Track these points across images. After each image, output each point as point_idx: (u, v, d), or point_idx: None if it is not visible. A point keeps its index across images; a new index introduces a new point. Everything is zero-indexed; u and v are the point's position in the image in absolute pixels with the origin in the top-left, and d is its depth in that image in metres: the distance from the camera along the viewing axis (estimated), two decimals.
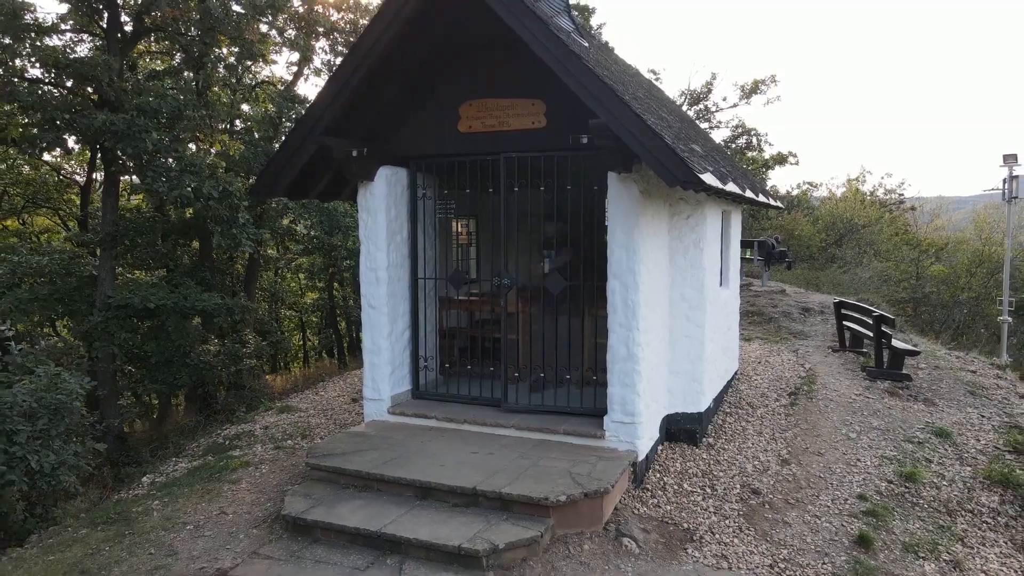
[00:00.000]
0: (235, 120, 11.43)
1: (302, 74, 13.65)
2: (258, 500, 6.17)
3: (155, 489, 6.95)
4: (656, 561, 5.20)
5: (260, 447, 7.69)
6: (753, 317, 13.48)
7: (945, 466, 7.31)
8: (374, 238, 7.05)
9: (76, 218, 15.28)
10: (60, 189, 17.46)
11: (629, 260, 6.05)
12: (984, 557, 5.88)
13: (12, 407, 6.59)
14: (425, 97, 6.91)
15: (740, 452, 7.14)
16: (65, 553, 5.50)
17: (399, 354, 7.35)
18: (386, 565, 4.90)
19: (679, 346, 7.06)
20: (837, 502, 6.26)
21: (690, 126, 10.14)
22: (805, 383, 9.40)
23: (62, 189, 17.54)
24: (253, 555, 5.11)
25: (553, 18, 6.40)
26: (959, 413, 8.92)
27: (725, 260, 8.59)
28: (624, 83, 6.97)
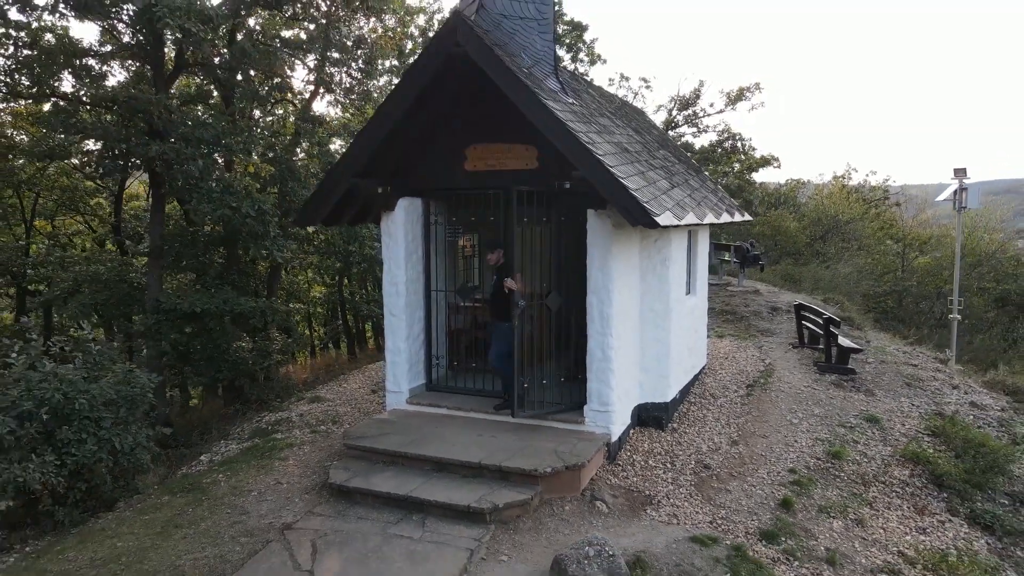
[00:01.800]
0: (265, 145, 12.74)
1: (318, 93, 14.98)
2: (304, 473, 7.64)
3: (215, 466, 8.42)
4: (621, 519, 6.68)
5: (298, 431, 9.16)
6: (727, 316, 14.95)
7: (869, 446, 8.79)
8: (395, 258, 8.46)
9: (111, 224, 16.67)
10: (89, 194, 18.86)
11: (604, 280, 7.48)
12: (886, 518, 7.37)
13: (99, 398, 8.02)
14: (437, 141, 8.29)
15: (698, 435, 8.62)
16: (156, 514, 6.97)
17: (415, 353, 8.79)
18: (412, 520, 6.38)
19: (648, 348, 8.52)
20: (771, 475, 7.74)
21: (663, 145, 11.52)
22: (763, 376, 10.87)
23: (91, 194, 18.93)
24: (309, 513, 6.59)
25: (544, 80, 7.81)
26: (893, 402, 10.40)
27: (692, 272, 10.03)
28: (602, 124, 8.38)
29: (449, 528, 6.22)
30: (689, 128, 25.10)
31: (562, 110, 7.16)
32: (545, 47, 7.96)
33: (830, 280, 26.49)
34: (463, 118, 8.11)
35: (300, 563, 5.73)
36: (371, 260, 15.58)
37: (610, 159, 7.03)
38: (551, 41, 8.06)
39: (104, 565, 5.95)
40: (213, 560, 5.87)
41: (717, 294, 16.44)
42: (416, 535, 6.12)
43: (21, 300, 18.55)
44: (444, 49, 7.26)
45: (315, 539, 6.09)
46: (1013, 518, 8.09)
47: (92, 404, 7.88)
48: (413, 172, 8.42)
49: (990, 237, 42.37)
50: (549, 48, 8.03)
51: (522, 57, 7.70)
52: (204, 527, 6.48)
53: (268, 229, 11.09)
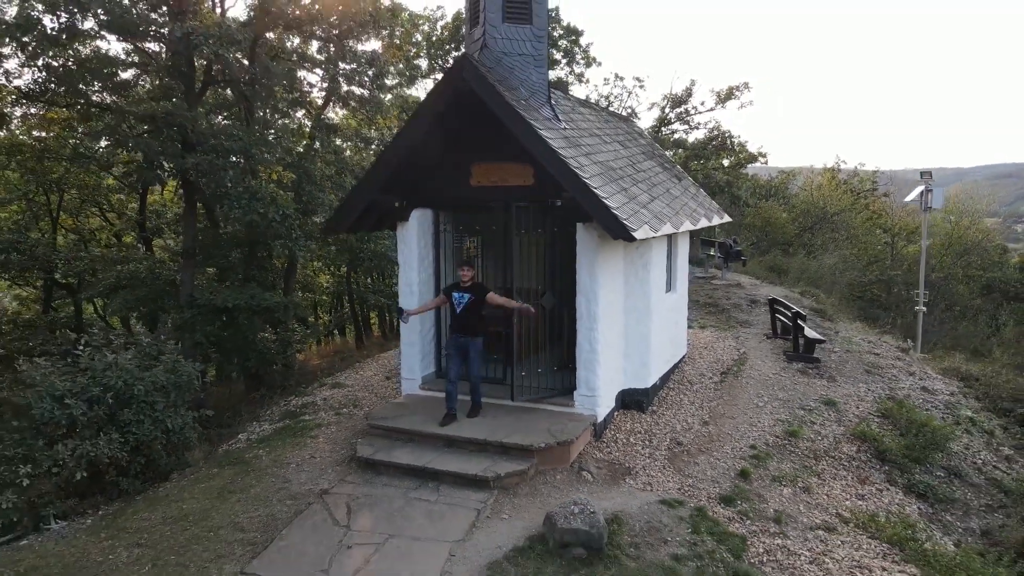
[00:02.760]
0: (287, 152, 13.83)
1: (331, 100, 16.07)
2: (334, 449, 8.89)
3: (253, 443, 9.66)
4: (603, 486, 7.92)
5: (324, 413, 10.40)
6: (709, 308, 16.17)
7: (824, 426, 10.05)
8: (409, 262, 9.65)
9: (136, 221, 17.83)
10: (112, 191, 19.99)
11: (591, 283, 8.68)
12: (831, 486, 8.63)
13: (153, 384, 9.24)
14: (446, 160, 9.42)
15: (674, 417, 9.86)
16: (210, 483, 8.21)
17: (427, 345, 10.01)
18: (428, 487, 7.62)
19: (631, 341, 9.74)
20: (734, 450, 8.99)
21: (649, 155, 12.66)
22: (736, 364, 12.11)
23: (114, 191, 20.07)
24: (341, 481, 7.84)
25: (540, 109, 8.97)
26: (851, 387, 11.65)
27: (672, 271, 11.22)
28: (589, 144, 9.55)
29: (460, 493, 7.46)
30: (681, 125, 26.19)
31: (554, 137, 8.32)
32: (540, 80, 9.11)
33: (816, 271, 27.64)
34: (469, 140, 9.23)
35: (338, 520, 6.99)
36: (380, 256, 16.75)
37: (595, 180, 8.21)
38: (545, 74, 9.21)
39: (176, 522, 7.20)
40: (266, 518, 7.12)
41: (702, 287, 17.67)
42: (432, 498, 7.38)
43: (49, 292, 19.75)
44: (453, 84, 8.41)
45: (349, 501, 7.35)
46: (946, 488, 9.38)
47: (148, 390, 9.10)
48: (425, 187, 9.57)
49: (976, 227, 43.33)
50: (543, 80, 9.18)
51: (520, 90, 8.85)
52: (254, 493, 7.74)
53: (291, 231, 12.27)
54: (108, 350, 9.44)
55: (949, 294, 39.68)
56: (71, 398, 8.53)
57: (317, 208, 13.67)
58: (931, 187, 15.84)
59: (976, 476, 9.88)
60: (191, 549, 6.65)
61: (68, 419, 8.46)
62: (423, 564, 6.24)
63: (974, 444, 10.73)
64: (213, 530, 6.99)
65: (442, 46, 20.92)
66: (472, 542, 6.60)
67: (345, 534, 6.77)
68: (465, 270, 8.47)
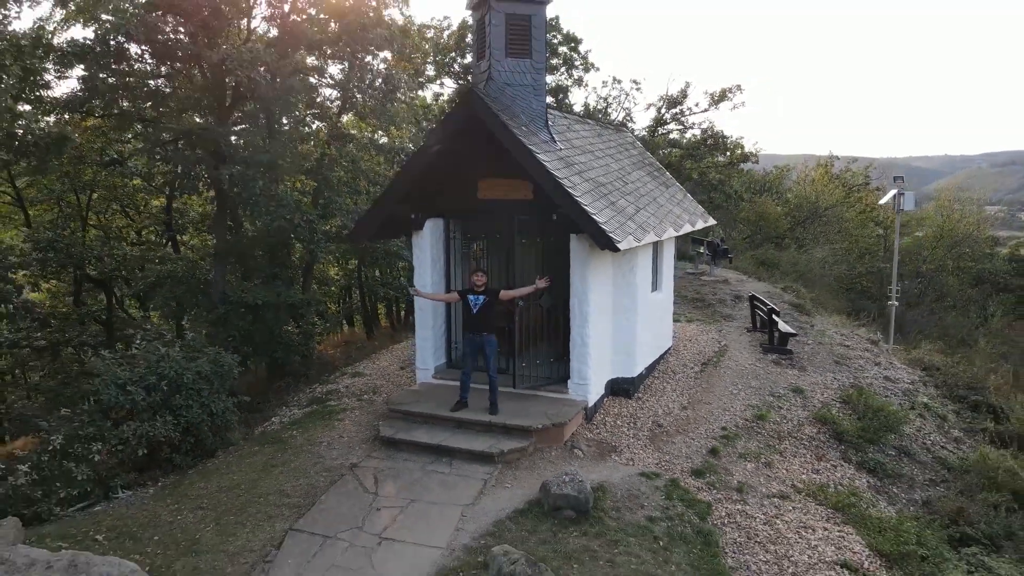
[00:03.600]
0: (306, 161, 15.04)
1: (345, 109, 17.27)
2: (359, 430, 10.20)
3: (286, 425, 10.97)
4: (592, 462, 9.22)
5: (347, 399, 11.71)
6: (696, 303, 17.43)
7: (790, 411, 11.34)
8: (423, 266, 10.92)
9: (164, 221, 19.11)
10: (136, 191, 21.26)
11: (583, 287, 9.94)
12: (790, 462, 9.93)
13: (199, 373, 10.54)
14: (456, 175, 10.63)
15: (657, 403, 11.15)
16: (254, 459, 9.54)
17: (438, 339, 11.29)
18: (442, 461, 8.93)
19: (619, 335, 11.01)
20: (708, 431, 10.28)
21: (639, 165, 13.87)
22: (717, 355, 13.39)
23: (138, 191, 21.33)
24: (368, 456, 9.16)
25: (538, 133, 10.20)
26: (819, 376, 12.93)
27: (658, 272, 12.47)
28: (582, 162, 10.78)
29: (469, 466, 8.78)
30: (676, 126, 27.31)
31: (550, 159, 9.56)
32: (539, 106, 10.34)
33: (805, 264, 28.84)
34: (476, 159, 10.43)
35: (367, 488, 8.31)
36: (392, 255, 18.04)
37: (586, 197, 9.45)
38: (543, 101, 10.45)
39: (229, 490, 8.53)
40: (306, 486, 8.45)
41: (691, 283, 18.92)
42: (446, 471, 8.69)
43: (79, 285, 21.06)
44: (462, 112, 9.67)
45: (375, 473, 8.67)
46: (895, 465, 10.67)
47: (194, 378, 10.41)
48: (437, 199, 10.80)
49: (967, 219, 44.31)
50: (542, 107, 10.42)
51: (521, 116, 10.08)
52: (293, 466, 9.06)
53: (313, 234, 13.51)
54: (160, 344, 10.74)
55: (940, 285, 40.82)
56: (132, 386, 9.84)
57: (335, 211, 14.91)
58: (903, 190, 17.03)
59: (924, 455, 11.17)
60: (246, 511, 7.98)
61: (130, 403, 9.78)
62: (440, 522, 7.57)
63: (926, 427, 12.02)
64: (262, 496, 8.32)
65: (448, 52, 22.07)
66: (480, 506, 7.92)
67: (374, 499, 8.10)
68: (479, 276, 9.61)
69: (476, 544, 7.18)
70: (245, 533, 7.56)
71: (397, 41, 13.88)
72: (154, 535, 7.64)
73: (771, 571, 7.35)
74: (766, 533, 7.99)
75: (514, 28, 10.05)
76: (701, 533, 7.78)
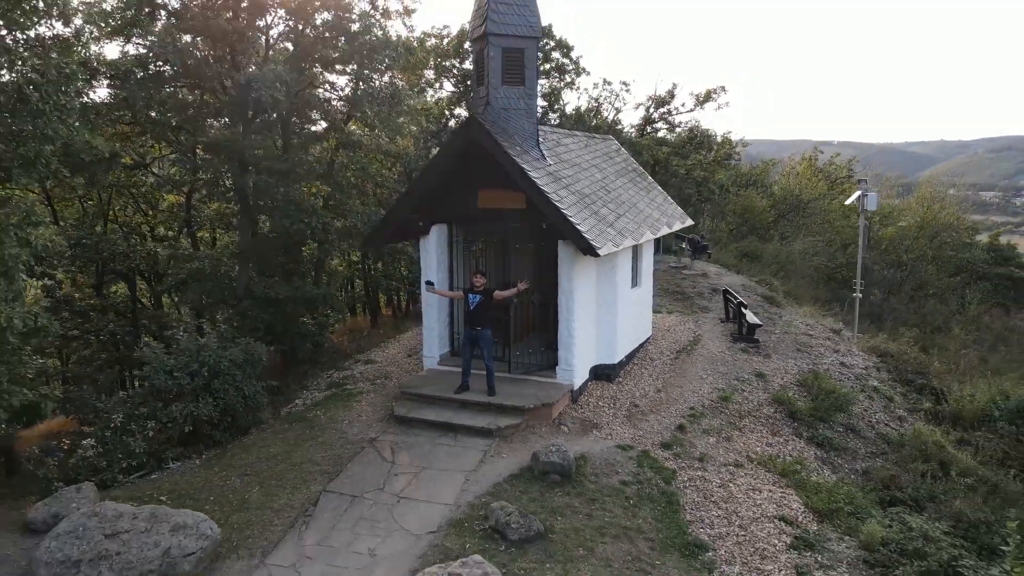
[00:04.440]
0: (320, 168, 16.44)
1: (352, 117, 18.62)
2: (374, 410, 11.73)
3: (309, 407, 12.49)
4: (576, 436, 10.78)
5: (362, 384, 13.23)
6: (676, 296, 18.96)
7: (752, 393, 12.89)
8: (429, 266, 12.40)
9: (184, 219, 20.53)
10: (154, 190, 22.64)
11: (569, 286, 11.44)
12: (748, 437, 11.49)
13: (233, 361, 12.04)
14: (459, 187, 12.07)
15: (635, 386, 12.70)
16: (285, 434, 11.07)
17: (442, 330, 12.80)
18: (448, 435, 10.48)
19: (602, 327, 12.54)
20: (678, 411, 11.84)
21: (622, 173, 15.32)
22: (691, 344, 14.94)
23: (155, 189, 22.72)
24: (384, 432, 10.70)
25: (530, 151, 11.66)
26: (782, 362, 14.49)
27: (638, 270, 13.97)
28: (568, 176, 12.24)
29: (471, 440, 10.33)
30: (664, 124, 28.73)
31: (540, 176, 11.03)
32: (531, 127, 11.81)
33: (787, 256, 30.35)
34: (476, 173, 11.87)
35: (385, 458, 9.86)
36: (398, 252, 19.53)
37: (571, 209, 10.94)
38: (535, 123, 11.92)
39: (267, 460, 10.07)
40: (333, 457, 9.99)
41: (672, 277, 20.44)
42: (451, 444, 10.24)
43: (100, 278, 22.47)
44: (463, 135, 11.13)
45: (392, 445, 10.22)
46: (841, 440, 12.25)
47: (230, 365, 11.92)
48: (442, 208, 12.26)
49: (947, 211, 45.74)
50: (534, 127, 11.88)
51: (515, 137, 11.53)
52: (321, 440, 10.61)
53: (328, 235, 14.94)
54: (199, 335, 12.24)
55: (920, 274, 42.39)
56: (178, 372, 11.36)
57: (346, 213, 16.36)
58: (866, 192, 18.49)
59: (868, 431, 12.76)
60: (285, 476, 9.53)
61: (177, 387, 11.30)
62: (447, 485, 9.13)
63: (873, 407, 13.60)
64: (297, 464, 9.87)
65: (448, 58, 23.41)
66: (480, 472, 9.48)
67: (391, 467, 9.66)
68: (478, 278, 11.12)
69: (478, 501, 8.74)
70: (286, 494, 9.11)
71: (402, 59, 15.27)
72: (209, 496, 9.19)
73: (721, 523, 8.93)
74: (720, 494, 9.56)
75: (509, 60, 11.48)
76: (665, 494, 9.35)
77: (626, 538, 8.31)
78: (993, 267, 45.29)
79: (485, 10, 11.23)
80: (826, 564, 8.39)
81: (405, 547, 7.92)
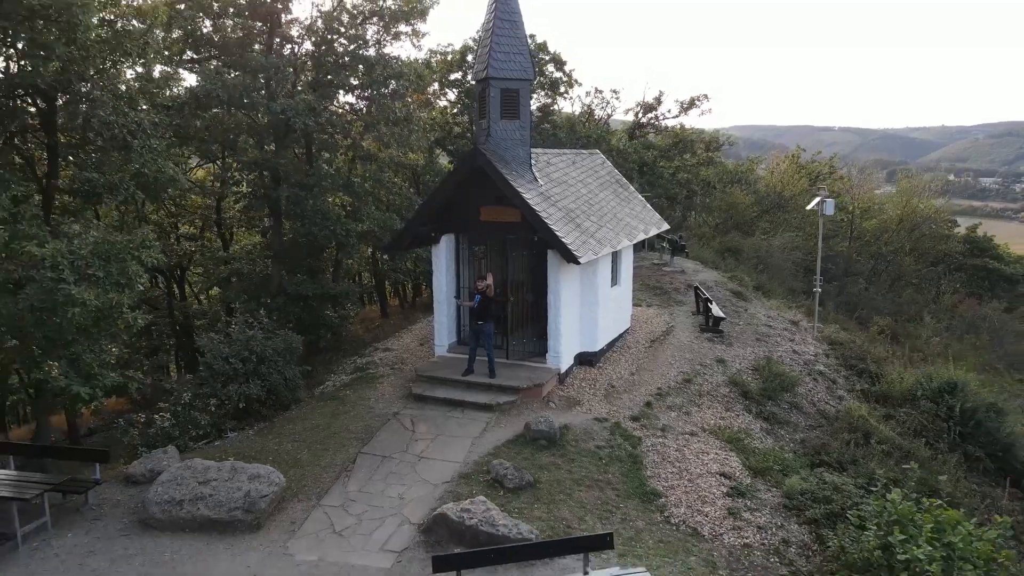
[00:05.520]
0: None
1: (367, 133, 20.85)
2: (395, 390, 14.10)
3: (339, 388, 14.86)
4: (562, 411, 13.15)
5: (382, 368, 15.60)
6: (656, 291, 21.29)
7: (712, 376, 15.25)
8: (439, 270, 14.72)
9: (215, 223, 22.85)
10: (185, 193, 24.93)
11: (556, 287, 13.77)
12: (704, 412, 13.86)
13: (274, 349, 14.39)
14: (464, 203, 14.33)
15: (613, 370, 15.06)
16: (323, 410, 13.46)
17: (450, 323, 15.14)
18: (458, 410, 12.86)
19: (584, 320, 14.88)
20: (647, 390, 14.20)
21: (605, 186, 17.60)
22: (664, 334, 17.29)
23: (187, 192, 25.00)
24: (404, 407, 13.08)
25: (524, 175, 13.95)
26: (741, 350, 16.85)
27: (617, 271, 16.28)
28: (556, 193, 14.54)
29: (475, 413, 12.70)
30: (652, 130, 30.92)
31: (532, 197, 13.33)
32: (524, 154, 14.10)
33: (766, 250, 32.59)
34: (479, 192, 14.13)
35: (407, 427, 12.25)
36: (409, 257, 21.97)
37: (557, 224, 13.24)
38: (528, 150, 14.21)
39: (310, 430, 12.45)
40: (364, 427, 12.37)
41: (653, 273, 22.77)
42: (460, 416, 12.62)
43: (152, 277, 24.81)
44: (469, 162, 13.43)
45: (411, 417, 12.60)
46: (785, 415, 14.63)
47: (273, 353, 14.28)
48: (450, 220, 14.55)
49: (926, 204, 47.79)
50: (527, 154, 14.18)
51: (511, 163, 13.81)
52: (353, 414, 12.99)
53: (350, 239, 17.25)
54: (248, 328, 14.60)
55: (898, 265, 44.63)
56: (232, 358, 13.72)
57: (364, 218, 18.67)
58: (824, 198, 20.64)
59: (810, 408, 15.15)
60: (326, 442, 11.91)
61: (232, 371, 13.66)
62: (457, 448, 11.52)
63: (817, 388, 15.99)
64: (335, 433, 12.25)
65: (451, 70, 25.58)
66: (483, 438, 11.86)
67: (412, 434, 12.05)
68: (479, 283, 13.48)
69: (482, 460, 11.13)
70: (329, 455, 11.50)
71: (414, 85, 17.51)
72: (268, 457, 11.56)
73: (673, 478, 11.31)
74: (675, 456, 11.94)
75: (507, 98, 13.75)
76: (631, 456, 11.73)
77: (597, 487, 10.71)
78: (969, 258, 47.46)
79: (487, 58, 13.47)
80: (753, 507, 10.78)
81: (426, 493, 10.32)
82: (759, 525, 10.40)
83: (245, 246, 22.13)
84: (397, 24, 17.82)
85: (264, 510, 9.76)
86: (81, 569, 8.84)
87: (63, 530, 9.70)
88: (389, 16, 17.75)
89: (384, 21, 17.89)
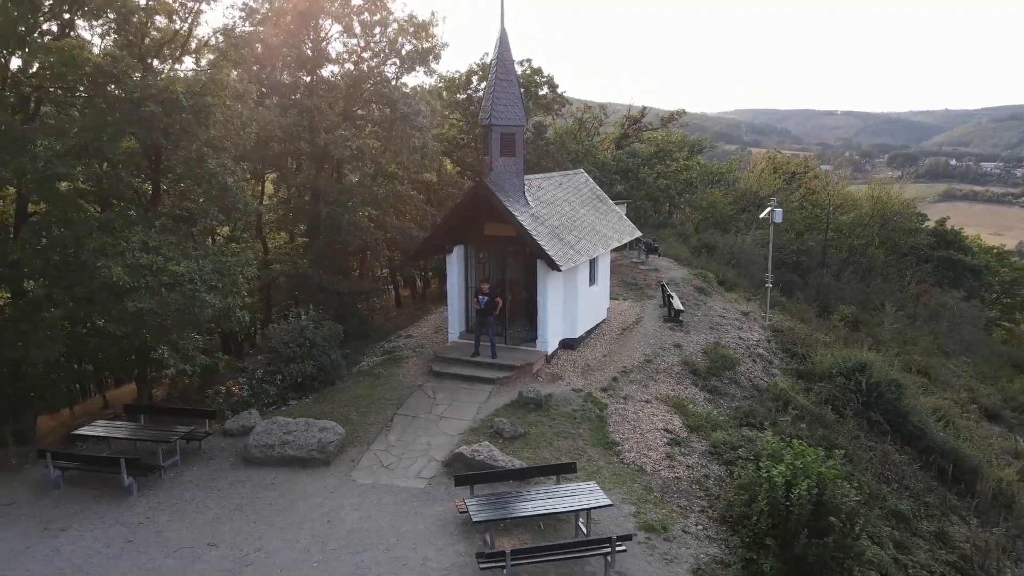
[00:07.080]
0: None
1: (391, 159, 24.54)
2: (418, 368, 18.01)
3: (373, 367, 18.75)
4: (548, 384, 17.05)
5: (407, 352, 19.49)
6: (632, 287, 25.13)
7: (669, 357, 19.15)
8: (452, 274, 18.57)
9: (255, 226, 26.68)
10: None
11: (544, 287, 17.63)
12: (660, 385, 17.77)
13: (323, 336, 18.24)
14: (472, 221, 18.15)
15: (590, 353, 18.94)
16: (363, 382, 17.39)
17: (460, 314, 19.00)
18: (467, 383, 16.78)
19: (567, 313, 18.75)
20: (616, 369, 18.09)
21: (586, 202, 21.39)
22: (634, 324, 21.17)
23: None
24: (426, 381, 17.01)
25: (518, 200, 17.78)
26: (697, 337, 20.74)
27: (594, 272, 20.13)
28: (544, 213, 18.38)
29: (481, 386, 16.62)
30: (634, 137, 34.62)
31: (524, 219, 17.15)
32: (519, 183, 17.92)
33: (739, 246, 36.25)
34: (483, 212, 17.93)
35: (429, 395, 16.20)
36: None
37: (544, 239, 17.08)
38: (522, 180, 18.04)
39: (355, 398, 16.38)
40: (395, 396, 16.31)
41: (631, 271, 26.60)
42: (469, 387, 16.54)
43: None
44: (475, 192, 17.28)
45: (432, 388, 16.54)
46: (725, 388, 18.52)
47: (321, 339, 18.15)
48: (460, 234, 18.37)
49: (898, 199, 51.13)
50: (521, 183, 18.00)
51: (508, 191, 17.62)
52: (387, 386, 16.92)
53: (379, 245, 21.01)
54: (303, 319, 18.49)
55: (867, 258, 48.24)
56: (291, 344, 17.61)
57: (387, 227, 22.47)
58: (774, 207, 24.26)
59: (746, 383, 19.04)
60: (369, 406, 15.85)
61: (291, 353, 17.55)
62: (468, 410, 15.45)
63: (755, 367, 19.87)
64: (375, 400, 16.19)
65: (458, 91, 29.26)
66: (487, 403, 15.79)
67: (433, 401, 15.98)
68: (484, 284, 17.39)
69: (486, 418, 15.06)
70: (372, 415, 15.44)
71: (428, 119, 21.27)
72: (327, 417, 15.46)
73: (629, 432, 15.21)
74: (632, 417, 15.85)
75: (505, 140, 17.55)
76: (599, 417, 15.64)
77: (571, 438, 14.64)
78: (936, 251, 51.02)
79: (490, 109, 17.25)
80: (686, 453, 14.71)
81: (446, 440, 14.26)
82: (688, 465, 14.33)
83: (282, 248, 25.98)
84: (414, 66, 21.61)
85: (332, 452, 13.71)
86: (210, 489, 12.83)
87: (189, 466, 13.70)
88: (407, 59, 21.53)
89: (402, 63, 21.68)
